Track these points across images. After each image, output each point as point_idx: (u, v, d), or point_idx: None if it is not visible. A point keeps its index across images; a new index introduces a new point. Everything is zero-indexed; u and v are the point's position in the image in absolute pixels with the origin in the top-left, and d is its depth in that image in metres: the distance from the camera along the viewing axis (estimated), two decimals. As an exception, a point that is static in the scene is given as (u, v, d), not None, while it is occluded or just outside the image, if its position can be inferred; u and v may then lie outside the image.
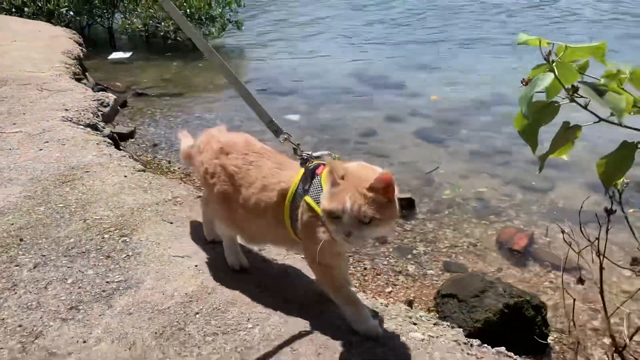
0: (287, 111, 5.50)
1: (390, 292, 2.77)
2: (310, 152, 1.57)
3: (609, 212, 1.94)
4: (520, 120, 1.48)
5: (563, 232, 1.83)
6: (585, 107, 1.44)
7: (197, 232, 2.14)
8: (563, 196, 3.73)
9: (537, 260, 3.17)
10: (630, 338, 2.00)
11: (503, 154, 4.51)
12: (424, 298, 2.76)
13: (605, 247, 1.90)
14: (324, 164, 1.52)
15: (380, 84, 6.44)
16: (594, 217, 1.76)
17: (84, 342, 1.54)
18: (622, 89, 1.42)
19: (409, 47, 8.23)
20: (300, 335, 1.56)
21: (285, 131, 1.61)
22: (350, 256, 1.88)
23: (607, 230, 2.03)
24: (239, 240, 1.89)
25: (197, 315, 1.63)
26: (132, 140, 4.67)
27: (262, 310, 1.66)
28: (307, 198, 1.47)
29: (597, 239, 2.02)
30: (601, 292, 1.94)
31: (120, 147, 3.59)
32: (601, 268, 1.94)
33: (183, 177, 3.52)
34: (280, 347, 1.51)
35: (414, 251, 3.26)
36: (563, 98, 1.39)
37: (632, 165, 1.31)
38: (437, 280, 2.97)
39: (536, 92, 1.41)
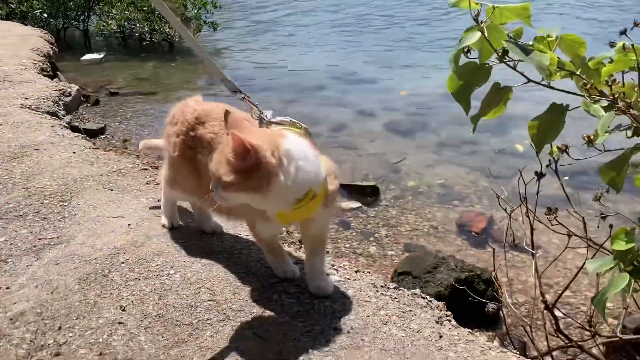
0: (261, 107, 5.63)
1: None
2: (269, 115, 1.51)
3: (539, 175, 2.06)
4: (453, 81, 1.58)
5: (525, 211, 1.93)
6: (514, 68, 1.56)
7: (135, 197, 2.22)
8: (530, 183, 3.85)
9: (495, 241, 3.27)
10: (558, 297, 2.10)
11: (469, 144, 4.64)
12: (382, 277, 2.85)
13: (535, 207, 2.01)
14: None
15: (352, 81, 6.59)
16: (551, 200, 1.87)
17: (7, 288, 1.62)
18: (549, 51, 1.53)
19: (379, 47, 8.41)
20: (219, 278, 1.64)
21: (243, 91, 1.55)
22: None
23: (537, 192, 2.15)
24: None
25: (122, 265, 1.72)
26: (102, 136, 4.76)
27: (187, 259, 1.75)
28: None
29: (525, 198, 2.14)
30: (533, 255, 2.05)
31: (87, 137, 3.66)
32: (532, 227, 2.06)
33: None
34: (198, 288, 1.60)
35: (376, 234, 3.35)
36: (493, 60, 1.50)
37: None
38: (396, 260, 3.05)
39: (466, 48, 1.54)
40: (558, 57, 1.59)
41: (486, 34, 1.38)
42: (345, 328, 1.41)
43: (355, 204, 3.66)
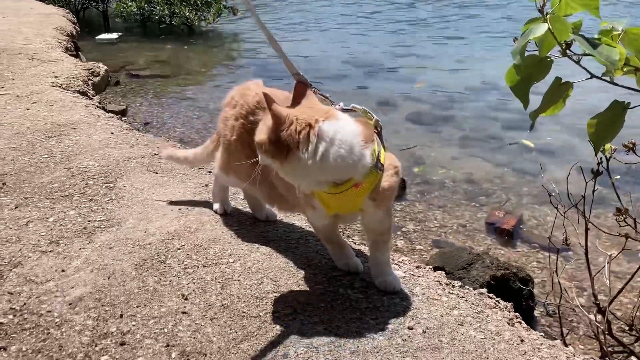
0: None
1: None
2: (342, 104, 1.45)
3: (596, 173, 1.97)
4: (512, 75, 1.48)
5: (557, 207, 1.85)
6: (577, 63, 1.46)
7: (182, 181, 2.14)
8: (554, 180, 3.77)
9: (525, 241, 3.20)
10: (611, 301, 2.01)
11: (496, 139, 4.55)
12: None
13: (591, 207, 1.93)
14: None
15: (372, 71, 6.47)
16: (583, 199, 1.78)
17: (63, 271, 1.54)
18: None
19: (400, 37, 8.27)
20: (280, 268, 1.56)
21: (302, 74, 1.45)
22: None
23: (594, 190, 2.06)
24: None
25: (179, 251, 1.64)
26: (124, 119, 4.69)
27: (244, 248, 1.66)
28: None
29: (583, 197, 2.05)
30: (586, 252, 1.96)
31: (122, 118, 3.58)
32: (586, 229, 1.97)
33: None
34: (260, 278, 1.52)
35: (404, 229, 3.27)
36: (555, 55, 1.40)
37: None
38: (425, 255, 2.98)
39: (529, 41, 1.43)
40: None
41: (550, 26, 1.29)
42: (420, 328, 1.33)
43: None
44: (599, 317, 1.90)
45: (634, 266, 2.53)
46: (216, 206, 1.89)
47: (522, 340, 1.31)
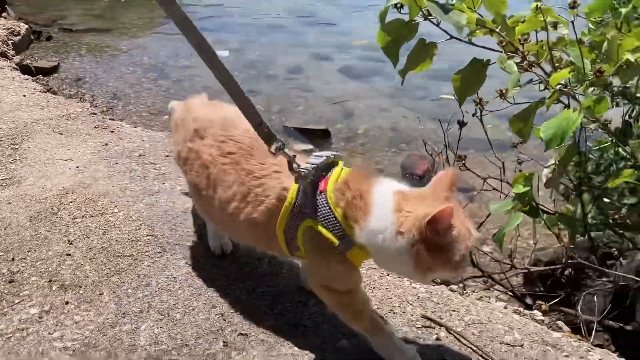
0: (217, 47, 5.63)
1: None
2: (308, 166, 1.26)
3: (461, 124, 2.30)
4: (382, 36, 1.74)
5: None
6: (437, 25, 1.72)
7: (84, 141, 2.37)
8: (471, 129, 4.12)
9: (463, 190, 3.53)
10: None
11: (422, 89, 4.83)
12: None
13: (456, 151, 2.27)
14: (324, 175, 1.27)
15: (311, 22, 6.59)
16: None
17: (-38, 224, 1.80)
18: (473, 9, 1.69)
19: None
20: (159, 216, 1.86)
21: (279, 139, 1.28)
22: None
23: (459, 139, 2.40)
24: None
25: (71, 204, 1.91)
26: (56, 75, 4.74)
27: (129, 200, 1.95)
28: (321, 229, 1.23)
29: (448, 143, 2.40)
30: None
31: (38, 79, 3.69)
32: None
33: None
34: (139, 224, 1.81)
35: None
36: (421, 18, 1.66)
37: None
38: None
39: (392, 5, 1.70)
40: (481, 15, 1.78)
41: (410, -8, 1.56)
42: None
43: (307, 146, 3.86)
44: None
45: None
46: (211, 243, 1.72)
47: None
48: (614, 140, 1.78)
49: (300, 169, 1.25)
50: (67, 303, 1.49)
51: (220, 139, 1.42)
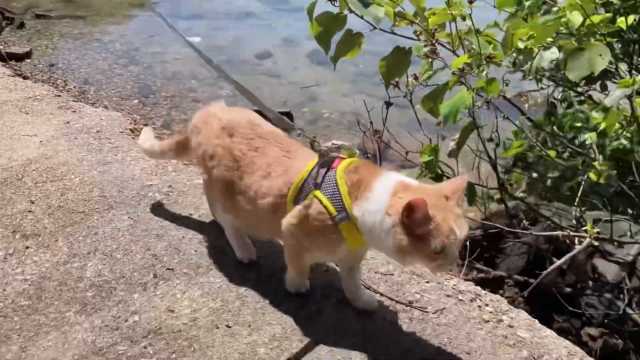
0: (189, 33, 5.90)
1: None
2: (328, 145, 1.54)
3: (388, 104, 2.64)
4: (315, 27, 2.04)
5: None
6: (362, 17, 2.02)
7: (48, 120, 2.69)
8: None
9: (388, 162, 3.86)
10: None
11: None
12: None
13: (383, 129, 2.61)
14: (341, 157, 1.47)
15: (283, 9, 6.86)
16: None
17: (-61, 188, 2.12)
18: (395, 2, 1.98)
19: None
20: (109, 181, 2.20)
21: (298, 127, 1.60)
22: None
23: (385, 118, 2.73)
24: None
25: (34, 172, 2.24)
26: (29, 60, 4.98)
27: (85, 168, 2.28)
28: (318, 193, 1.40)
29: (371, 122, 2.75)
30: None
31: (9, 65, 3.95)
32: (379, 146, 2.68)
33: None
34: (92, 187, 2.15)
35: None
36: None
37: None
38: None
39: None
40: (403, 9, 2.09)
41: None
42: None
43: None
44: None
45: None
46: (238, 253, 1.80)
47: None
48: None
49: (322, 147, 1.49)
50: (27, 247, 1.83)
51: (249, 137, 1.61)
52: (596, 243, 1.69)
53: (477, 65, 1.86)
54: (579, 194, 2.00)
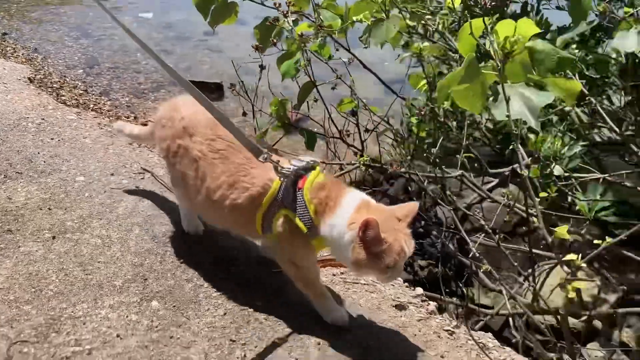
0: (141, 9, 6.22)
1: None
2: (290, 167, 1.57)
3: (262, 68, 3.02)
4: None
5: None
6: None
7: None
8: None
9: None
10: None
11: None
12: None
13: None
14: (304, 175, 1.56)
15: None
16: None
17: None
18: None
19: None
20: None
21: (265, 150, 1.55)
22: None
23: (257, 85, 3.09)
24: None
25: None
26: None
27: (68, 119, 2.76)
28: (295, 219, 1.53)
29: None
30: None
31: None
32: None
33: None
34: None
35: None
36: None
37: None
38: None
39: None
40: None
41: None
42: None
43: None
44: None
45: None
46: (185, 225, 2.00)
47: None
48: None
49: (284, 170, 1.55)
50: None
51: (210, 137, 1.66)
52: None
53: (315, 32, 2.33)
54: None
